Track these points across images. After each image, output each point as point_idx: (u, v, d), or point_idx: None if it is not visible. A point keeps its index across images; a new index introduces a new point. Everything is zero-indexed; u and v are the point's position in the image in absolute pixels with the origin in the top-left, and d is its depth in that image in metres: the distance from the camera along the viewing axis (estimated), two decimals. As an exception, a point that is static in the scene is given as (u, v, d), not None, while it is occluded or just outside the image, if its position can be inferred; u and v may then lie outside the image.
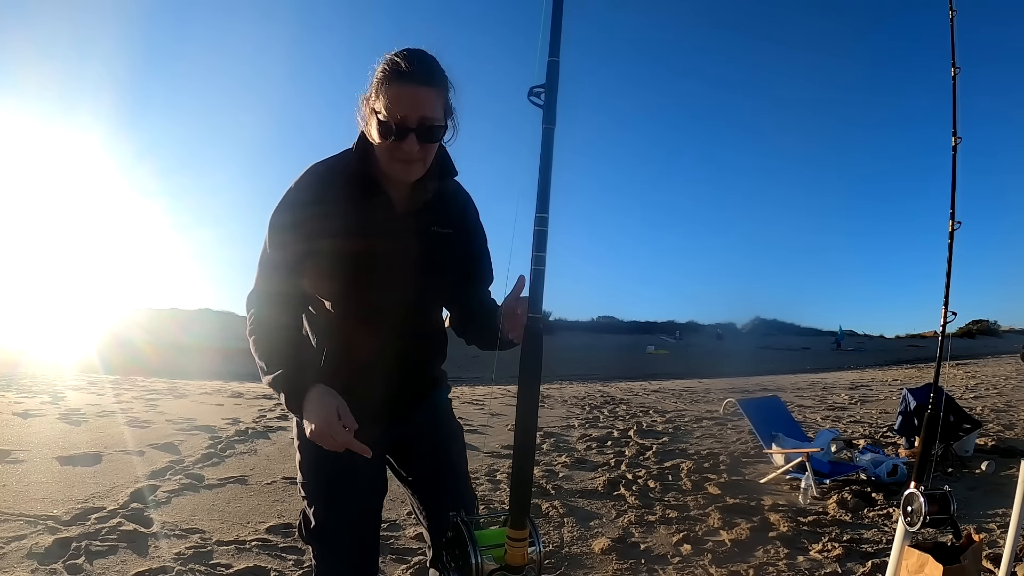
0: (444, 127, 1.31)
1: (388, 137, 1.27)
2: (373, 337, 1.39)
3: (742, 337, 48.10)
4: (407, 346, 1.44)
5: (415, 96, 1.26)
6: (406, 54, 1.28)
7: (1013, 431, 6.31)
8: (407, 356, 1.45)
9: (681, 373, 16.23)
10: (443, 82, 1.31)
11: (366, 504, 1.47)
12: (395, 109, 1.25)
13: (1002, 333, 48.98)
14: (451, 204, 1.43)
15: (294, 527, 3.32)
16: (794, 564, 3.01)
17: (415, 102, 1.26)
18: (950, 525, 1.97)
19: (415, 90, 1.26)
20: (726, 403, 6.81)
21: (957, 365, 17.03)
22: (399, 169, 1.31)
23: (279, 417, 6.76)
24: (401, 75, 1.26)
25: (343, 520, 1.42)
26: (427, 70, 1.28)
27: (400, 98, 1.25)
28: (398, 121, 1.25)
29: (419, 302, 1.43)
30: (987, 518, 3.59)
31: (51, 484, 3.86)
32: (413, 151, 1.27)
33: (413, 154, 1.28)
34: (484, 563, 1.00)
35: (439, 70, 1.31)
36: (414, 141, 1.27)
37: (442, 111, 1.31)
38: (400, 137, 1.26)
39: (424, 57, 1.30)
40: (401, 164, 1.30)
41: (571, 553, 3.12)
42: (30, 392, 7.63)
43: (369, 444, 1.25)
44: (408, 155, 1.28)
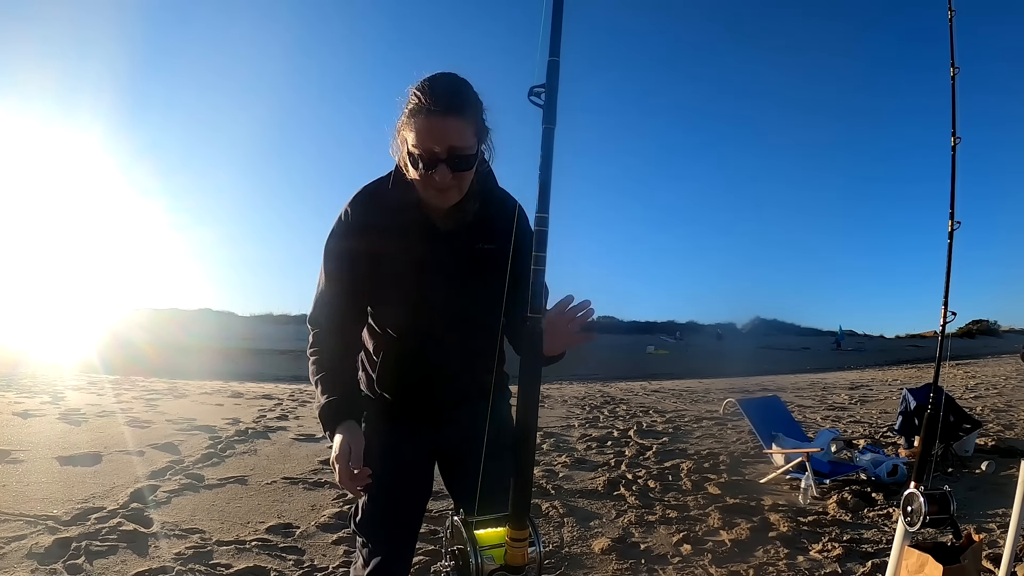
0: (475, 154, 1.34)
1: (419, 168, 1.31)
2: (419, 350, 1.48)
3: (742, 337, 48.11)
4: (452, 358, 1.51)
5: (443, 127, 1.28)
6: (433, 84, 1.31)
7: (1013, 431, 6.31)
8: (452, 367, 1.52)
9: (681, 373, 16.23)
10: (472, 108, 1.33)
11: (410, 501, 1.55)
12: (424, 141, 1.29)
13: (1002, 333, 48.99)
14: (496, 220, 1.44)
15: (294, 527, 3.34)
16: (794, 564, 3.01)
17: (443, 133, 1.28)
18: (950, 525, 1.97)
19: (442, 121, 1.28)
20: (726, 403, 6.81)
21: (957, 365, 17.03)
22: (434, 196, 1.35)
23: (279, 417, 6.76)
24: (429, 106, 1.28)
25: (387, 514, 1.51)
26: (454, 99, 1.30)
27: (428, 131, 1.29)
28: (428, 153, 1.29)
29: (463, 318, 1.48)
30: (987, 518, 3.59)
31: (51, 484, 3.86)
32: (446, 180, 1.31)
33: (446, 183, 1.32)
34: (484, 563, 1.00)
35: (468, 96, 1.33)
36: (446, 171, 1.30)
37: (473, 137, 1.33)
38: (430, 168, 1.30)
39: (452, 85, 1.32)
40: (436, 192, 1.34)
41: (571, 553, 3.12)
42: (30, 392, 7.63)
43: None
44: (441, 185, 1.32)
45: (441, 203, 1.37)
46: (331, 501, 3.82)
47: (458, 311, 1.46)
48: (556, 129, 0.98)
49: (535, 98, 0.98)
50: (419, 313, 1.46)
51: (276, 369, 16.14)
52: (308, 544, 3.14)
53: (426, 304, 1.45)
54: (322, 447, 5.30)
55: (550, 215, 0.97)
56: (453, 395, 1.55)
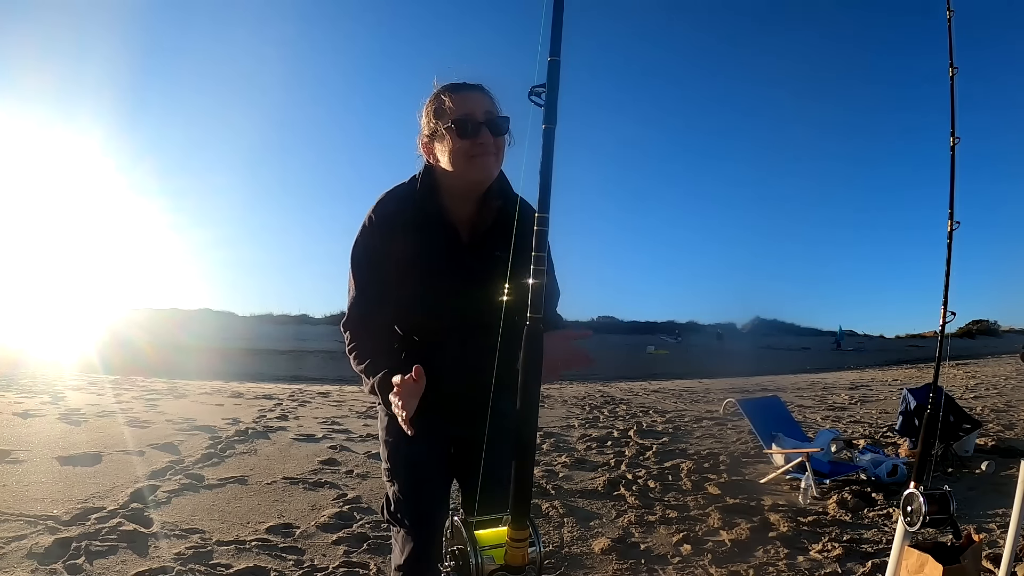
0: (507, 118, 1.47)
1: (464, 135, 1.42)
2: (440, 351, 1.56)
3: (742, 337, 48.15)
4: (471, 359, 1.55)
5: (478, 97, 1.46)
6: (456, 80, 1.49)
7: (1013, 431, 6.31)
8: (470, 368, 1.55)
9: (681, 373, 16.23)
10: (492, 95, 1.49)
11: (435, 488, 1.61)
12: (462, 109, 1.44)
13: (1002, 333, 49.03)
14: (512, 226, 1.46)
15: (294, 527, 3.34)
16: (794, 564, 3.01)
17: (478, 101, 1.45)
18: (950, 525, 1.97)
19: (476, 93, 1.47)
20: (726, 403, 6.81)
21: (957, 365, 17.03)
22: (477, 168, 1.45)
23: (279, 417, 6.76)
24: (457, 86, 1.47)
25: (415, 501, 1.57)
26: (477, 83, 1.49)
27: (464, 100, 1.45)
28: (469, 118, 1.43)
29: (481, 321, 1.51)
30: (987, 518, 3.59)
31: (51, 484, 3.86)
32: (489, 142, 1.44)
33: (489, 146, 1.44)
34: (484, 564, 1.00)
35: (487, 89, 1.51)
36: (487, 134, 1.44)
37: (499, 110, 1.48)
38: (475, 132, 1.42)
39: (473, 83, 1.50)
40: (480, 160, 1.44)
41: (571, 553, 3.12)
42: (30, 392, 7.63)
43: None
44: (485, 148, 1.43)
45: (485, 174, 1.46)
46: (331, 501, 3.82)
47: (477, 314, 1.51)
48: (556, 129, 0.97)
49: (535, 98, 0.98)
50: (439, 316, 1.52)
51: (276, 369, 16.16)
52: (308, 544, 3.14)
53: (446, 307, 1.51)
54: (322, 447, 5.31)
55: (550, 215, 0.97)
56: (471, 397, 1.57)
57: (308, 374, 14.00)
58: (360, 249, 1.50)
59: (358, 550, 3.07)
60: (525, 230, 1.36)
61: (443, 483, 1.64)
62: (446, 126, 1.44)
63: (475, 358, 1.54)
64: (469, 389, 1.57)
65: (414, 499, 1.56)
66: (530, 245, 1.42)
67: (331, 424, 6.42)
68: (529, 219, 1.41)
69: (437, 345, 1.55)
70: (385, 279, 1.49)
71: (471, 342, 1.53)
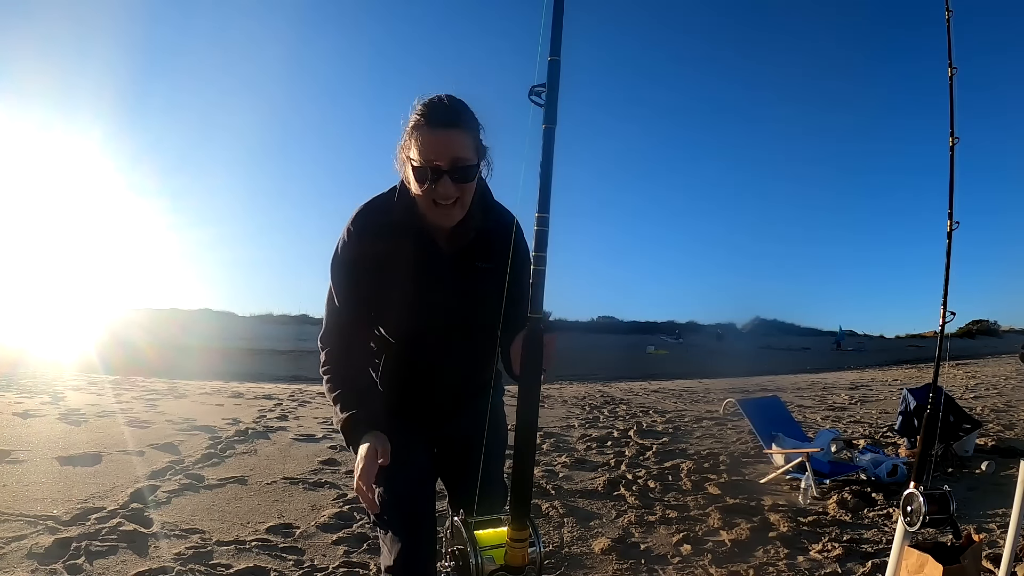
0: (476, 166, 1.39)
1: (424, 182, 1.35)
2: (419, 359, 1.56)
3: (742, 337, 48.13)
4: (450, 367, 1.58)
5: (445, 140, 1.34)
6: (432, 102, 1.37)
7: (1013, 431, 6.31)
8: (451, 375, 1.59)
9: (681, 373, 16.22)
10: (472, 124, 1.39)
11: (418, 489, 1.60)
12: (427, 154, 1.34)
13: (1002, 333, 48.99)
14: (495, 240, 1.48)
15: (294, 527, 3.34)
16: (794, 564, 3.01)
17: (445, 146, 1.34)
18: (950, 525, 1.97)
19: (445, 134, 1.35)
20: (726, 403, 6.81)
21: (957, 365, 17.03)
22: (439, 214, 1.39)
23: (279, 417, 6.76)
24: (430, 121, 1.35)
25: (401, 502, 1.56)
26: (453, 114, 1.36)
27: (431, 143, 1.34)
28: (431, 165, 1.34)
29: (461, 331, 1.54)
30: (987, 518, 3.59)
31: (51, 484, 3.86)
32: (449, 193, 1.36)
33: (450, 195, 1.36)
34: (484, 564, 1.00)
35: (467, 112, 1.39)
36: (448, 183, 1.35)
37: (473, 151, 1.38)
38: (435, 179, 1.34)
39: (452, 102, 1.39)
40: (440, 209, 1.38)
41: (571, 553, 3.12)
42: (30, 392, 7.63)
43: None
44: (445, 196, 1.36)
45: (446, 221, 1.41)
46: (331, 501, 3.82)
47: (457, 325, 1.52)
48: (556, 128, 0.98)
49: (536, 98, 0.99)
50: (419, 326, 1.52)
51: (276, 369, 16.15)
52: (308, 544, 3.14)
53: (426, 318, 1.51)
54: (322, 447, 5.31)
55: (551, 215, 0.98)
56: (451, 399, 1.63)
57: (308, 374, 13.98)
58: (339, 261, 1.48)
59: (358, 550, 3.07)
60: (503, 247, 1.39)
61: (429, 483, 1.64)
62: (408, 159, 1.39)
63: (455, 362, 1.57)
64: (450, 390, 1.61)
65: (400, 501, 1.56)
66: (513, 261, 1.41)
67: (331, 424, 6.41)
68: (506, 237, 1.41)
69: (417, 349, 1.55)
70: (365, 291, 1.47)
71: (451, 347, 1.55)
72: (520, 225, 1.51)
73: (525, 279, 1.04)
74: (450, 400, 1.62)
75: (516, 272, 1.42)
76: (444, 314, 1.51)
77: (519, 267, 1.45)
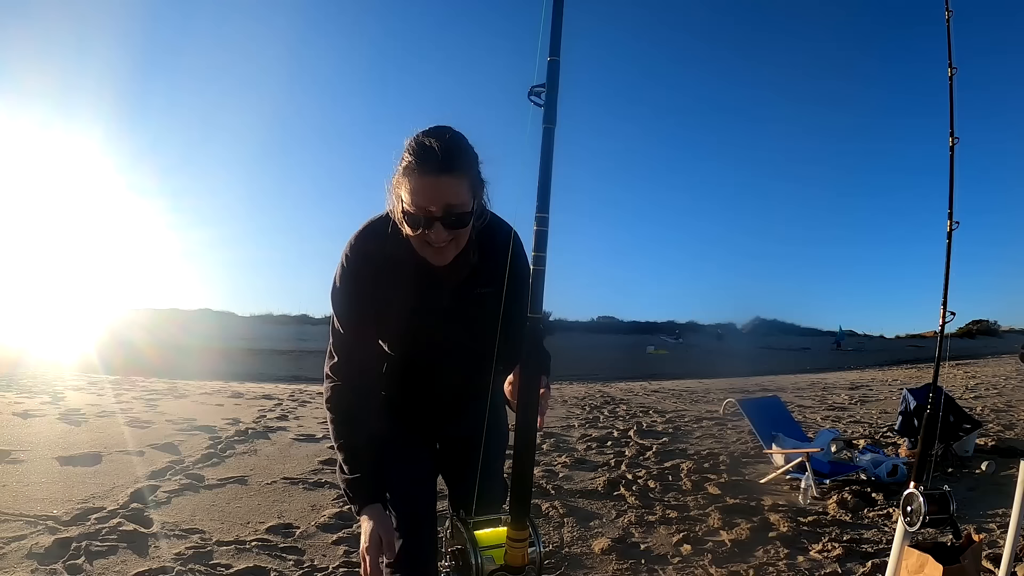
0: (471, 212, 1.33)
1: (416, 227, 1.31)
2: (419, 376, 1.58)
3: (742, 337, 48.14)
4: (451, 373, 1.58)
5: (437, 186, 1.27)
6: (427, 142, 1.28)
7: (1013, 431, 6.31)
8: (452, 380, 1.60)
9: (681, 373, 16.22)
10: (467, 164, 1.32)
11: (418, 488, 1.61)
12: (418, 200, 1.28)
13: (1002, 333, 48.99)
14: (493, 264, 1.44)
15: (294, 527, 3.34)
16: (794, 564, 3.01)
17: (438, 192, 1.27)
18: (950, 525, 1.97)
19: (436, 180, 1.27)
20: (726, 403, 6.82)
21: (957, 365, 17.03)
22: (432, 254, 1.35)
23: (279, 417, 6.76)
24: (422, 166, 1.27)
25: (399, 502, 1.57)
26: (448, 157, 1.28)
27: (422, 190, 1.27)
28: (423, 212, 1.28)
29: (461, 350, 1.54)
30: (987, 518, 3.59)
31: (51, 484, 3.86)
32: (441, 239, 1.31)
33: (442, 241, 1.32)
34: (484, 564, 1.00)
35: (462, 152, 1.31)
36: (441, 230, 1.30)
37: (468, 193, 1.32)
38: (427, 226, 1.30)
39: (446, 141, 1.30)
40: (432, 251, 1.34)
41: (571, 553, 3.12)
42: (30, 392, 7.63)
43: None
44: (436, 243, 1.32)
45: (438, 261, 1.37)
46: (331, 501, 3.82)
47: (457, 345, 1.53)
48: (556, 129, 0.98)
49: (535, 98, 0.98)
50: (420, 347, 1.54)
51: (276, 369, 16.15)
52: (308, 544, 3.14)
53: (426, 340, 1.52)
54: (322, 447, 5.31)
55: (550, 215, 0.97)
56: (452, 402, 1.64)
57: (308, 374, 13.98)
58: (339, 292, 1.46)
59: (358, 550, 3.06)
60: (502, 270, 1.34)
61: (429, 482, 1.65)
62: (400, 211, 1.33)
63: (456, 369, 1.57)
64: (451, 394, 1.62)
65: (400, 501, 1.56)
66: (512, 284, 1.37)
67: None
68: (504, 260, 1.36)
69: (418, 361, 1.56)
70: (366, 316, 1.46)
71: (452, 357, 1.56)
72: (518, 236, 1.48)
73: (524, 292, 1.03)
74: (451, 403, 1.64)
75: (515, 289, 1.36)
76: (444, 337, 1.52)
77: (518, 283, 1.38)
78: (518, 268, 1.41)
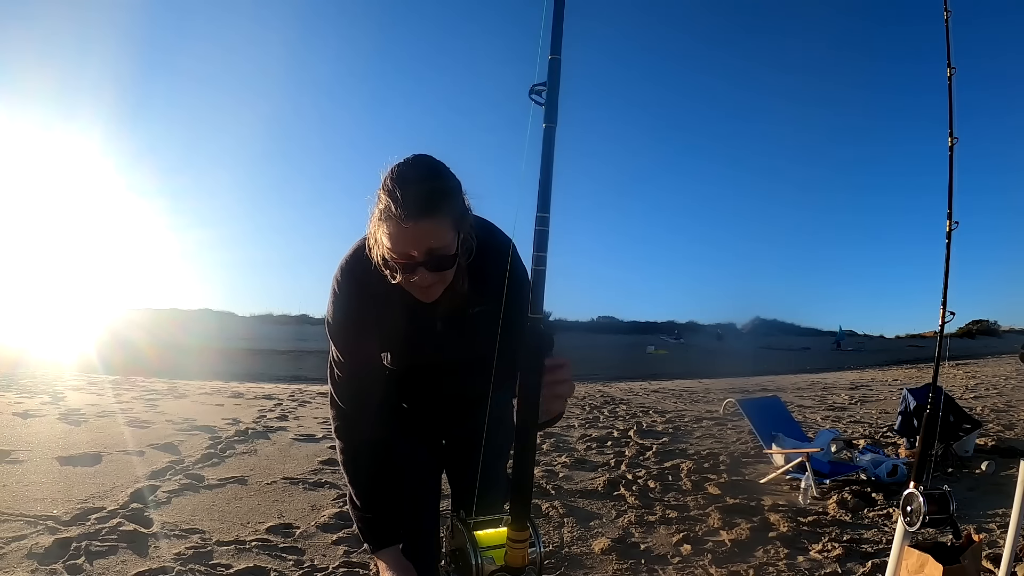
0: (455, 252, 1.28)
1: (398, 273, 1.27)
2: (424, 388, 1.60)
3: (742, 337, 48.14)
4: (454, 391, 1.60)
5: (417, 233, 1.21)
6: (403, 185, 1.21)
7: (1013, 431, 6.31)
8: (454, 397, 1.62)
9: (681, 373, 16.22)
10: (448, 204, 1.25)
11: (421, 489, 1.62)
12: (399, 248, 1.23)
13: (1002, 333, 48.99)
14: (487, 282, 1.39)
15: (294, 527, 3.34)
16: (794, 564, 3.01)
17: (418, 238, 1.22)
18: (950, 525, 1.97)
19: (416, 226, 1.20)
20: (726, 403, 6.81)
21: (957, 365, 17.03)
22: (418, 293, 1.32)
23: (279, 417, 6.76)
24: (401, 211, 1.20)
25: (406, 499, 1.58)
26: (426, 201, 1.21)
27: (403, 237, 1.22)
28: (405, 258, 1.24)
29: (461, 364, 1.54)
30: (987, 518, 3.59)
31: (51, 484, 3.86)
32: (426, 282, 1.27)
33: (427, 284, 1.27)
34: (484, 564, 1.00)
35: (443, 191, 1.25)
36: (425, 274, 1.25)
37: (452, 233, 1.26)
38: (409, 272, 1.26)
39: (423, 183, 1.23)
40: (419, 290, 1.31)
41: (571, 553, 3.12)
42: (30, 392, 7.63)
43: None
44: (422, 284, 1.28)
45: (425, 299, 1.33)
46: (331, 501, 3.82)
47: (455, 361, 1.53)
48: (557, 128, 0.97)
49: (536, 97, 0.98)
50: (418, 365, 1.55)
51: (276, 369, 16.14)
52: (308, 544, 3.14)
53: (424, 359, 1.53)
54: (322, 447, 5.31)
55: (551, 215, 0.97)
56: (455, 414, 1.65)
57: (308, 374, 13.97)
58: (333, 322, 1.43)
59: (358, 550, 3.07)
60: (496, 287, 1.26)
61: (433, 482, 1.66)
62: (380, 255, 1.28)
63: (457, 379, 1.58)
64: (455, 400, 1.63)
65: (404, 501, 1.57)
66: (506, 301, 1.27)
67: (331, 424, 6.41)
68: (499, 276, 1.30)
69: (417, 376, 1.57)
70: (364, 340, 1.44)
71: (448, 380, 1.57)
72: (515, 248, 1.42)
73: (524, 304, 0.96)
74: (455, 409, 1.64)
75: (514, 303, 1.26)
76: (442, 358, 1.52)
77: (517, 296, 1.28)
78: (516, 282, 1.35)
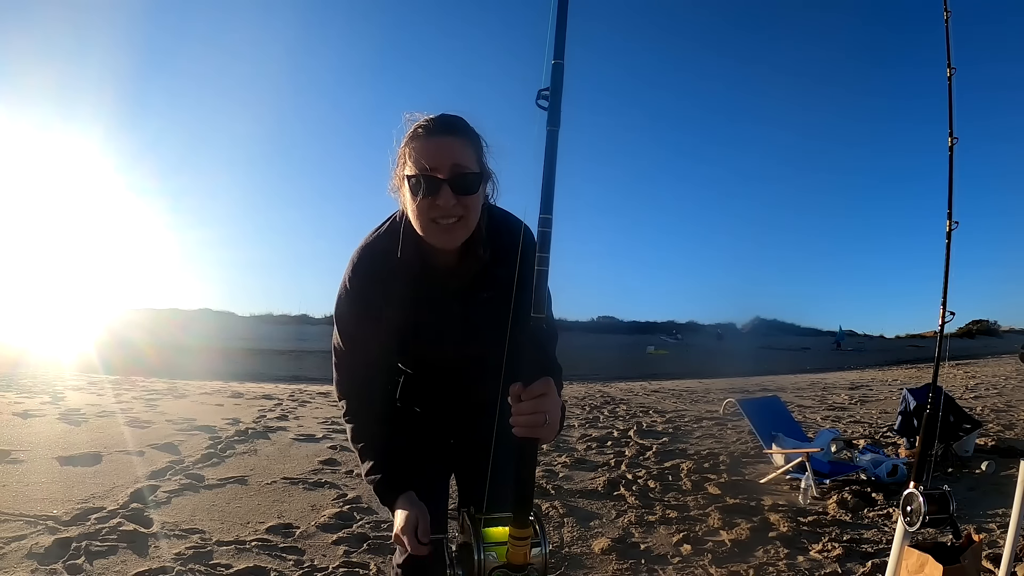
0: (479, 175, 1.27)
1: (420, 194, 1.23)
2: (432, 385, 1.57)
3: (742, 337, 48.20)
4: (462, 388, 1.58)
5: (444, 146, 1.23)
6: (430, 114, 1.29)
7: (1013, 431, 6.31)
8: (462, 395, 1.60)
9: (681, 373, 16.22)
10: (472, 134, 1.29)
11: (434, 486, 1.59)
12: (424, 162, 1.22)
13: (1002, 333, 49.04)
14: (500, 266, 1.37)
15: (294, 527, 3.34)
16: (794, 564, 3.02)
17: (443, 152, 1.23)
18: (950, 525, 1.97)
19: (443, 140, 1.24)
20: (726, 403, 6.82)
21: (957, 365, 17.03)
22: (439, 234, 1.27)
23: (279, 417, 6.76)
24: (426, 129, 1.25)
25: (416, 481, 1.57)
26: (452, 123, 1.27)
27: (428, 151, 1.23)
28: (428, 174, 1.22)
29: (472, 360, 1.52)
30: (987, 518, 3.60)
31: (51, 484, 3.86)
32: (449, 205, 1.23)
33: (450, 209, 1.24)
34: (487, 560, 1.01)
35: (467, 125, 1.30)
36: (449, 194, 1.23)
37: (474, 159, 1.27)
38: (433, 191, 1.22)
39: (449, 115, 1.30)
40: (440, 228, 1.26)
41: (571, 553, 3.12)
42: (30, 392, 7.63)
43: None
44: (445, 211, 1.24)
45: (447, 243, 1.29)
46: (331, 501, 3.82)
47: (466, 354, 1.51)
48: (560, 131, 0.97)
49: (543, 101, 0.98)
50: (428, 358, 1.52)
51: (276, 369, 16.14)
52: (308, 544, 3.15)
53: (435, 353, 1.50)
54: (322, 447, 5.31)
55: (553, 216, 0.98)
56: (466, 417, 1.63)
57: (308, 374, 13.98)
58: (342, 311, 1.41)
59: (358, 550, 3.07)
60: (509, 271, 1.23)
61: (442, 480, 1.65)
62: (404, 177, 1.27)
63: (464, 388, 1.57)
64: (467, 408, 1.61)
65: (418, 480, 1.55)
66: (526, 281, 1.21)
67: (331, 424, 6.42)
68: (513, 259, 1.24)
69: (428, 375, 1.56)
70: (373, 337, 1.42)
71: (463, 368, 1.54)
72: (529, 230, 1.40)
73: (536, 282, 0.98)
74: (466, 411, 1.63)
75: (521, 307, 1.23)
76: (452, 348, 1.49)
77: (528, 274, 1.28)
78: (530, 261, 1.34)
